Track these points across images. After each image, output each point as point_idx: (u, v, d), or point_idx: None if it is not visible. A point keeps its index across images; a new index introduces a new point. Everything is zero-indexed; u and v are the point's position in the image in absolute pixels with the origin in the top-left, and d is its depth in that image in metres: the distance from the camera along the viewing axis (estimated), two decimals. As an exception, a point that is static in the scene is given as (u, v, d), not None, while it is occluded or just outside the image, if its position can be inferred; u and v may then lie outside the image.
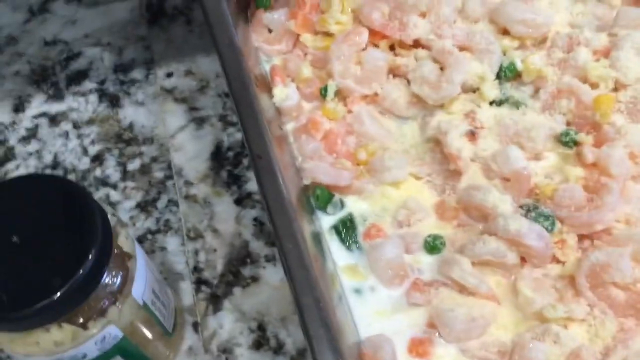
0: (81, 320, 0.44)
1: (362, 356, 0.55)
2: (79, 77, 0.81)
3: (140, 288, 0.51)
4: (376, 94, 0.70)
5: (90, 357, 0.45)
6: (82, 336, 0.43)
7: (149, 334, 0.53)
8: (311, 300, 0.50)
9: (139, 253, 0.52)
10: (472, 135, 0.65)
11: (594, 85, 0.67)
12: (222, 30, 0.63)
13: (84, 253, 0.44)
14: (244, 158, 0.74)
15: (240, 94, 0.59)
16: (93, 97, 0.79)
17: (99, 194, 0.72)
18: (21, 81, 0.81)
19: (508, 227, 0.58)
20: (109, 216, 0.49)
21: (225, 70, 0.60)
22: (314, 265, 0.54)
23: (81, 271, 0.43)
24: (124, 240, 0.50)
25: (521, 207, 0.62)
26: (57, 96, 0.79)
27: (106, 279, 0.46)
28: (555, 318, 0.55)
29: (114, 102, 0.79)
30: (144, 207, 0.71)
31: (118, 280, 0.48)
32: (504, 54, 0.70)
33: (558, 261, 0.59)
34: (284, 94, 0.68)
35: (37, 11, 0.87)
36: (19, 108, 0.79)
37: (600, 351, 0.55)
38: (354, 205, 0.65)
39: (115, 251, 0.48)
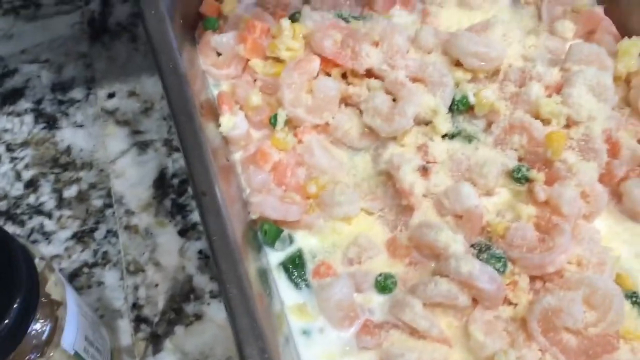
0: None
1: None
2: (14, 95, 0.76)
3: (71, 336, 0.47)
4: (327, 124, 0.68)
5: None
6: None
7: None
8: (255, 351, 0.47)
9: (70, 299, 0.48)
10: (424, 170, 0.64)
11: (546, 121, 0.66)
12: (166, 55, 0.60)
13: (7, 304, 0.40)
14: (190, 186, 0.71)
15: (185, 127, 0.56)
16: (28, 118, 0.75)
17: (32, 223, 0.68)
18: (-50, 98, 0.76)
19: (460, 269, 0.56)
20: (37, 261, 0.45)
21: (169, 100, 0.57)
22: (260, 307, 0.52)
23: (5, 322, 0.39)
24: (53, 287, 0.46)
25: (473, 246, 0.61)
26: (-11, 115, 0.75)
27: (32, 330, 0.43)
28: (507, 364, 0.54)
29: (51, 123, 0.74)
30: (81, 237, 0.67)
31: (46, 330, 0.45)
32: (457, 86, 0.68)
33: (510, 303, 0.58)
34: (232, 122, 0.65)
35: (-31, 23, 0.81)
36: (-54, 127, 0.74)
37: (552, 398, 0.54)
38: (304, 240, 0.63)
39: (43, 299, 0.44)
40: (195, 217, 0.69)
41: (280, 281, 0.61)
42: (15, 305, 0.41)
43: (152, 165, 0.72)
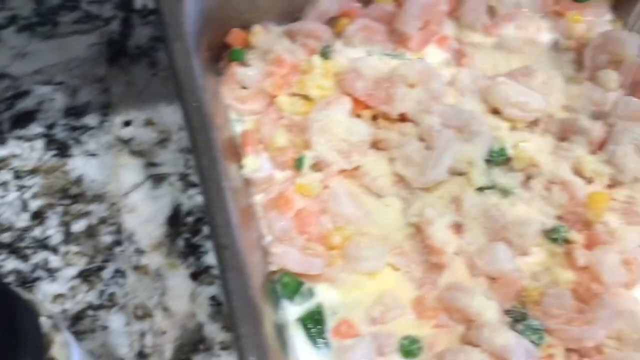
0: None
1: None
2: (25, 118, 0.72)
3: None
4: (356, 169, 0.64)
5: None
6: None
7: None
8: None
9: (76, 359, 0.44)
10: (457, 227, 0.60)
11: (589, 180, 0.63)
12: (191, 92, 0.56)
13: None
14: (204, 225, 0.67)
15: (208, 173, 0.52)
16: (39, 144, 0.71)
17: (36, 258, 0.64)
18: (-43, 117, 0.72)
19: (494, 340, 0.52)
20: (43, 319, 0.42)
21: (193, 143, 0.53)
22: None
23: None
24: (58, 350, 0.42)
25: (507, 312, 0.57)
26: (-2, 138, 0.71)
27: None
28: None
29: (63, 150, 0.70)
30: (87, 276, 0.63)
31: None
32: (494, 136, 0.65)
33: (544, 377, 0.54)
34: (256, 165, 0.61)
35: (-18, 37, 0.78)
36: (-48, 148, 0.70)
37: None
38: (324, 294, 0.59)
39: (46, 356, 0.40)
40: (208, 259, 0.65)
41: (297, 338, 0.57)
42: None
43: (166, 200, 0.68)
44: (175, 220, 0.67)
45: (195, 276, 0.64)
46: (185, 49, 0.58)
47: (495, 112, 0.67)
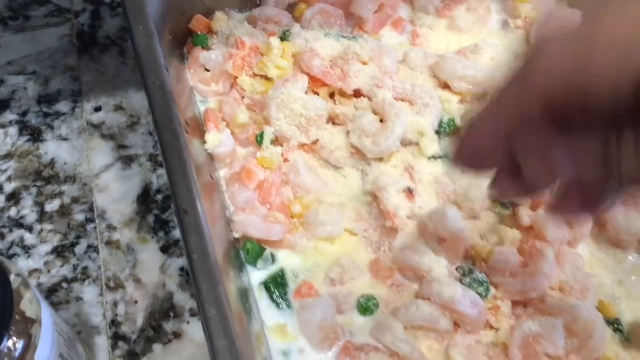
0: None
1: None
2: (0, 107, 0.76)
3: (45, 354, 0.46)
4: (314, 143, 0.68)
5: None
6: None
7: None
8: (233, 374, 0.47)
9: (46, 316, 0.47)
10: (409, 193, 0.63)
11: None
12: (153, 72, 0.60)
13: None
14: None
15: (169, 144, 0.55)
16: (13, 130, 0.74)
17: (12, 237, 0.67)
18: None
19: (442, 294, 0.56)
20: (12, 277, 0.45)
21: (154, 117, 0.57)
22: (239, 327, 0.51)
23: None
24: (28, 305, 0.46)
25: (457, 269, 0.60)
26: (-26, 126, 0.74)
27: (5, 347, 0.42)
28: (487, 391, 0.54)
29: (36, 136, 0.74)
30: (61, 252, 0.66)
31: (19, 348, 0.44)
32: (444, 108, 0.69)
33: (492, 327, 0.58)
34: (218, 140, 0.65)
35: (-43, 32, 0.81)
36: None
37: None
38: (286, 260, 0.63)
39: (17, 317, 0.44)
40: (178, 234, 0.68)
41: (262, 301, 0.60)
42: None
43: (137, 180, 0.71)
44: (145, 198, 0.70)
45: (165, 249, 0.67)
46: (147, 31, 0.61)
47: (446, 86, 0.71)
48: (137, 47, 0.61)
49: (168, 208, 0.70)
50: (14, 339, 0.43)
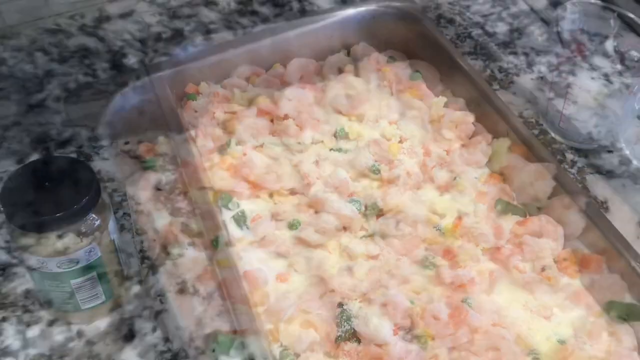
0: (79, 235, 0.61)
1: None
2: None
3: (112, 229, 0.65)
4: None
5: (80, 265, 0.62)
6: (78, 245, 0.61)
7: (112, 265, 0.66)
8: None
9: (110, 211, 0.66)
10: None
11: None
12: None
13: (84, 194, 0.61)
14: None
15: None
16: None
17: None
18: None
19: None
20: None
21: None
22: None
23: (82, 201, 0.61)
24: (105, 197, 0.65)
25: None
26: None
27: (93, 213, 0.62)
28: None
29: None
30: None
31: (98, 220, 0.63)
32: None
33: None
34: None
35: None
36: None
37: None
38: (246, 206, 0.81)
39: (99, 201, 0.63)
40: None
41: (230, 226, 0.79)
42: (86, 197, 0.61)
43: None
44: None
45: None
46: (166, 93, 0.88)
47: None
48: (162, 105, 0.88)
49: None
50: (98, 210, 0.63)
